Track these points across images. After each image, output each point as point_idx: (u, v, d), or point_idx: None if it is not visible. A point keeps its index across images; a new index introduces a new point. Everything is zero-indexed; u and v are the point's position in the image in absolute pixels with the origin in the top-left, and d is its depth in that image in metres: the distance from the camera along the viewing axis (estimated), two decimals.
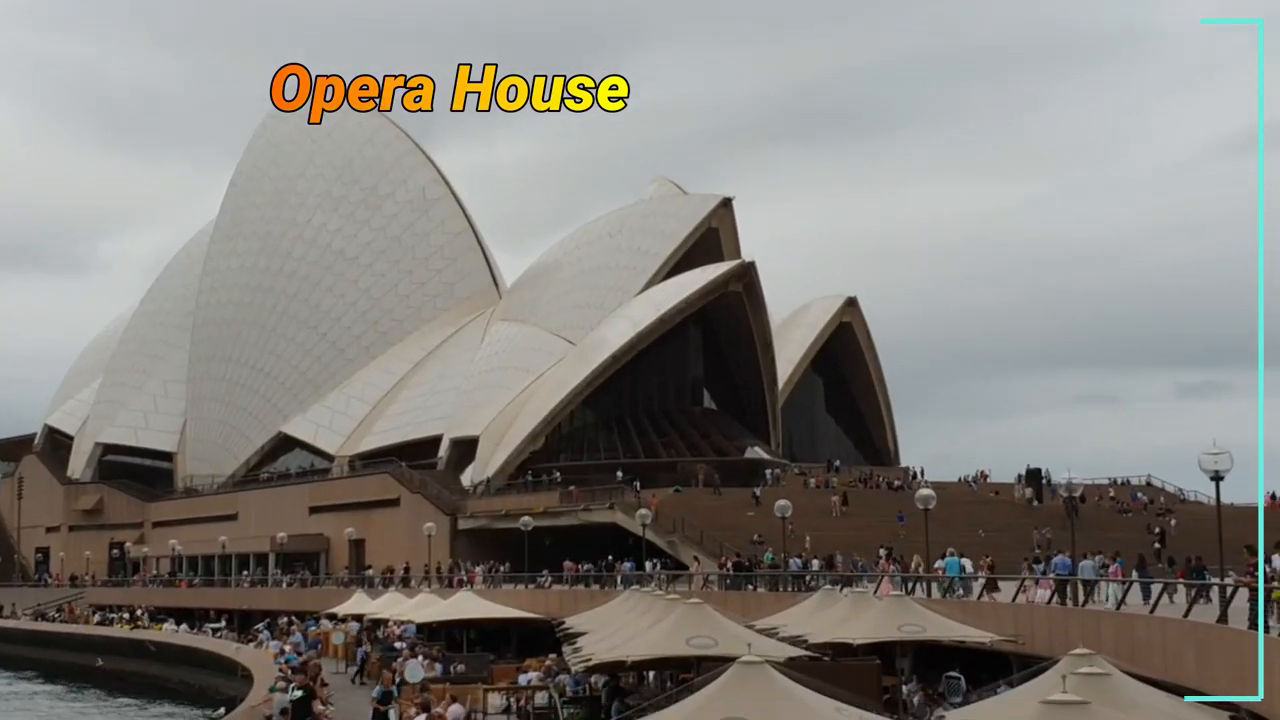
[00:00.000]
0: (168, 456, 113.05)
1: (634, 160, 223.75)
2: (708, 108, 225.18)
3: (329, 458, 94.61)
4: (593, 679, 29.74)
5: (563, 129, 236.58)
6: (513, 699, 32.34)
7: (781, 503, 47.67)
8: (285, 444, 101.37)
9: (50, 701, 60.88)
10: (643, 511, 55.33)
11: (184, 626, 67.03)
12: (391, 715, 26.00)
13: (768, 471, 77.02)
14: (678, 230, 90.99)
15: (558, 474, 74.65)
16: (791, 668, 21.68)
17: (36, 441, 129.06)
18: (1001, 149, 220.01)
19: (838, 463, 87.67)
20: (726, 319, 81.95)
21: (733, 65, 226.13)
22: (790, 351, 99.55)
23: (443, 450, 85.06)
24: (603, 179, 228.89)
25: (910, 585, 39.50)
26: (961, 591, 37.44)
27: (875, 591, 36.62)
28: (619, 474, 71.15)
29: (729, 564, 50.08)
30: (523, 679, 33.90)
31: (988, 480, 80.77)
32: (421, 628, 46.03)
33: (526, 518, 61.72)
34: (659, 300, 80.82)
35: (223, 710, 38.49)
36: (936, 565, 40.61)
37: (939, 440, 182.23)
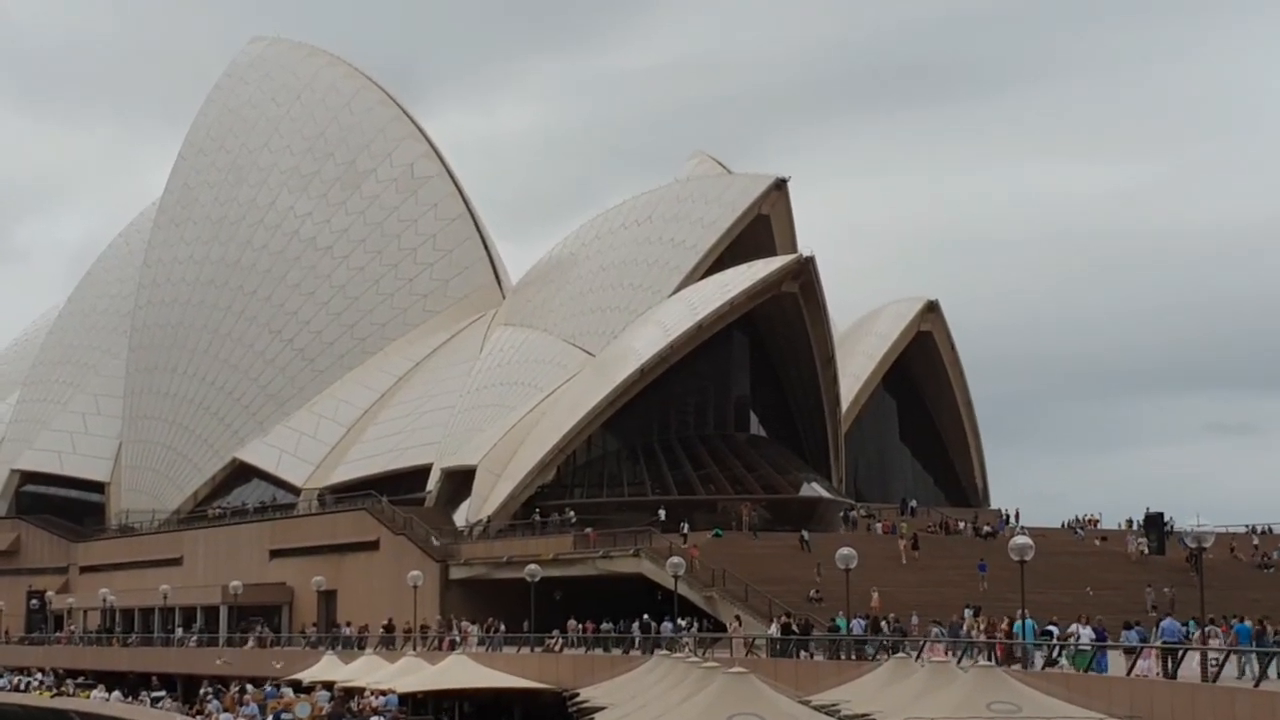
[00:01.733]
0: (99, 487, 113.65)
1: (667, 131, 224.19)
2: (756, 67, 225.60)
3: (294, 491, 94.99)
4: None
5: (579, 89, 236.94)
6: None
7: (845, 551, 47.57)
8: (241, 473, 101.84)
9: None
10: (675, 560, 55.35)
11: (115, 694, 67.38)
12: None
13: (846, 514, 77.25)
14: (721, 218, 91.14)
15: (571, 513, 74.74)
16: None
17: None
18: (1116, 119, 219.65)
19: (914, 503, 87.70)
20: (779, 326, 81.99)
21: (786, 17, 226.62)
22: (857, 366, 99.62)
23: (432, 483, 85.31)
24: (629, 154, 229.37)
25: (984, 653, 39.36)
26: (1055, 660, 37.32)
27: (917, 658, 36.59)
28: (661, 513, 71.18)
29: (789, 624, 49.98)
30: None
31: (1097, 526, 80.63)
32: (405, 698, 46.27)
33: (533, 566, 61.82)
34: (697, 303, 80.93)
35: None
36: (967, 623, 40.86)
37: (1038, 478, 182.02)
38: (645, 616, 55.62)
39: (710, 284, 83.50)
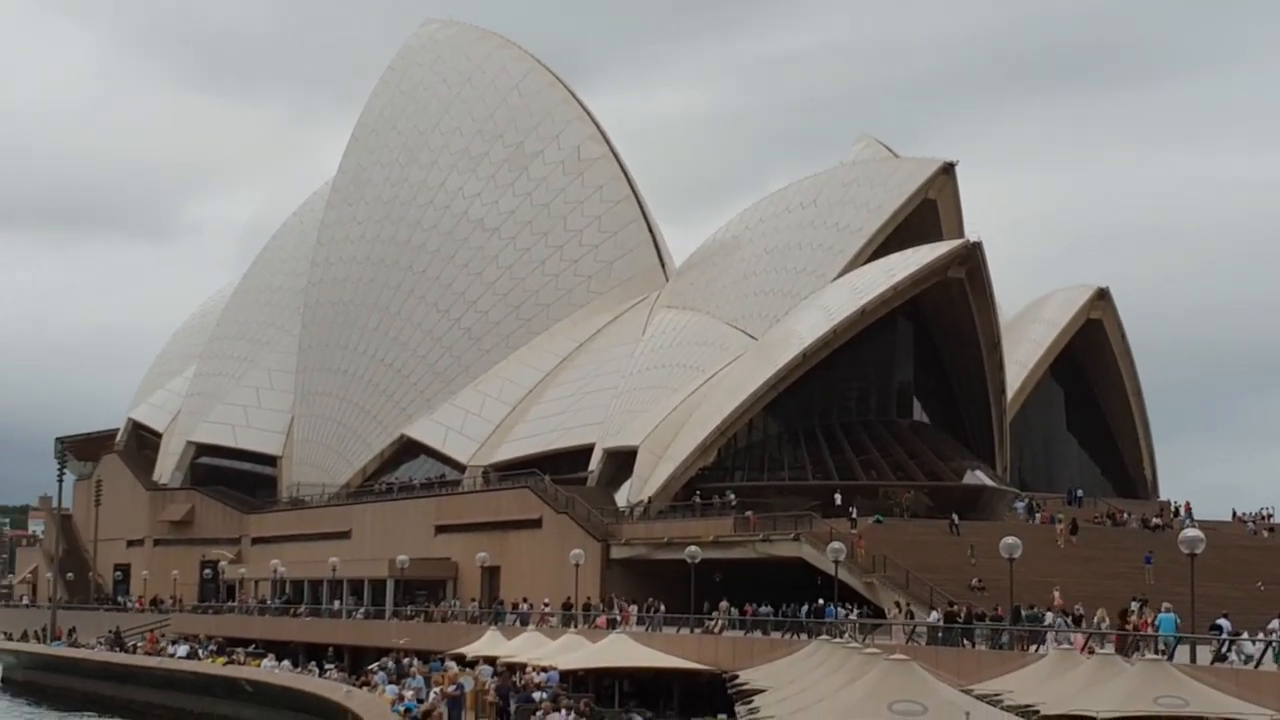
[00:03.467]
0: (271, 460, 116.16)
1: (831, 115, 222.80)
2: (923, 49, 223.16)
3: (460, 468, 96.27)
4: None
5: (742, 72, 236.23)
6: None
7: (1009, 540, 47.04)
8: (409, 450, 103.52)
9: None
10: (836, 545, 55.15)
11: (285, 663, 68.85)
12: None
13: (1019, 504, 76.46)
14: (886, 202, 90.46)
15: (732, 496, 74.83)
16: None
17: (119, 438, 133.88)
18: None
19: (1079, 492, 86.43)
20: (944, 312, 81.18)
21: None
22: (1023, 354, 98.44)
23: (594, 463, 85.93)
24: (791, 138, 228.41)
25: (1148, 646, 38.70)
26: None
27: (1051, 646, 36.00)
28: (837, 497, 70.89)
29: (953, 612, 49.59)
30: None
31: (1270, 520, 78.80)
32: (565, 675, 46.67)
33: (693, 547, 62.02)
34: (861, 287, 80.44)
35: None
36: (1133, 616, 40.29)
37: (1209, 469, 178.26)
38: (819, 601, 55.37)
39: (875, 269, 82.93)
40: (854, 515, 67.88)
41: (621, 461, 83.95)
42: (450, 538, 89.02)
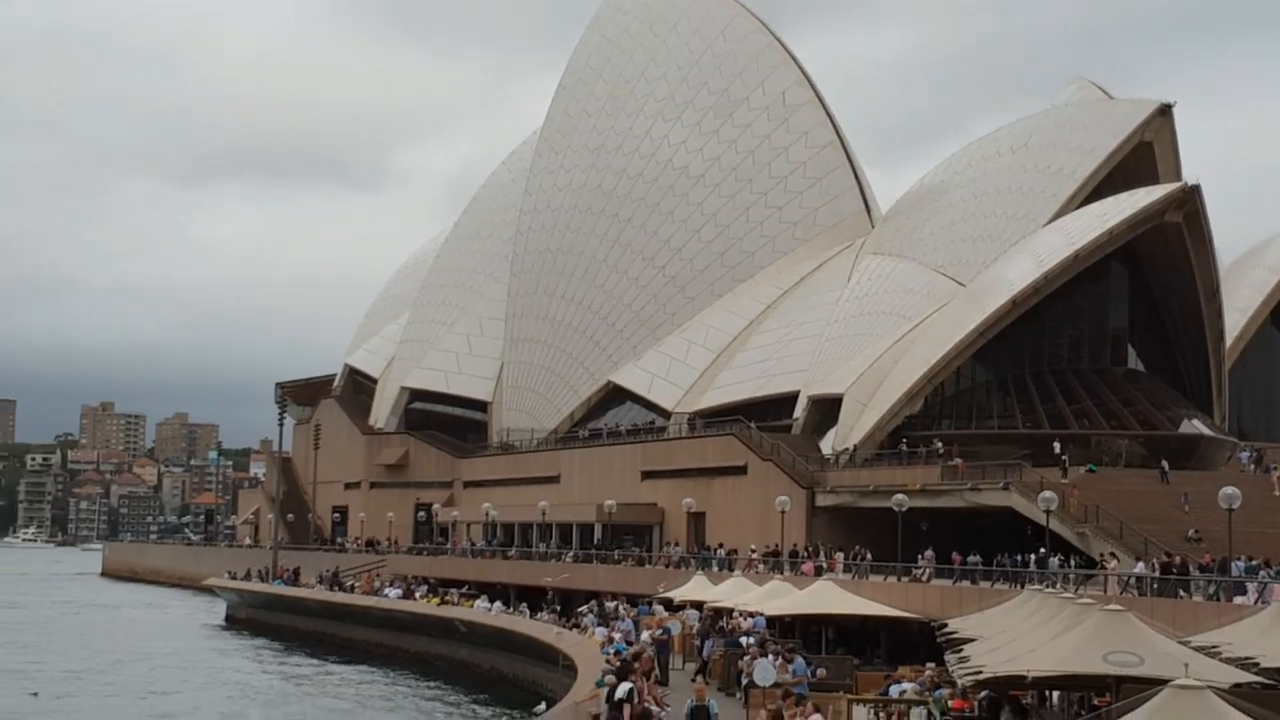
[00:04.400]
0: (482, 406, 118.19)
1: (1040, 57, 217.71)
2: None
3: (665, 414, 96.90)
4: (980, 696, 29.60)
5: (950, 14, 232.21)
6: (882, 713, 32.56)
7: (1228, 490, 45.92)
8: (615, 396, 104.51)
9: (355, 684, 65.13)
10: (1047, 494, 54.33)
11: (497, 604, 70.19)
12: None
13: (1244, 454, 74.47)
14: (1100, 145, 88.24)
15: (939, 444, 74.12)
16: (1240, 696, 21.04)
17: (336, 384, 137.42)
18: None
19: None
20: (1160, 258, 79.10)
21: None
22: (1243, 300, 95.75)
23: (799, 410, 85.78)
24: (1000, 81, 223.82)
25: None
26: None
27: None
28: (1056, 446, 69.69)
29: (1170, 563, 48.61)
30: (894, 689, 34.09)
31: None
32: (772, 621, 46.82)
33: (900, 496, 61.66)
34: (1074, 232, 78.71)
35: (544, 705, 40.23)
36: None
37: None
38: (1040, 550, 54.57)
39: (1088, 213, 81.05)
40: (1065, 464, 66.71)
41: (826, 409, 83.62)
42: (656, 483, 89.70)
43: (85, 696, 57.16)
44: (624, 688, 26.68)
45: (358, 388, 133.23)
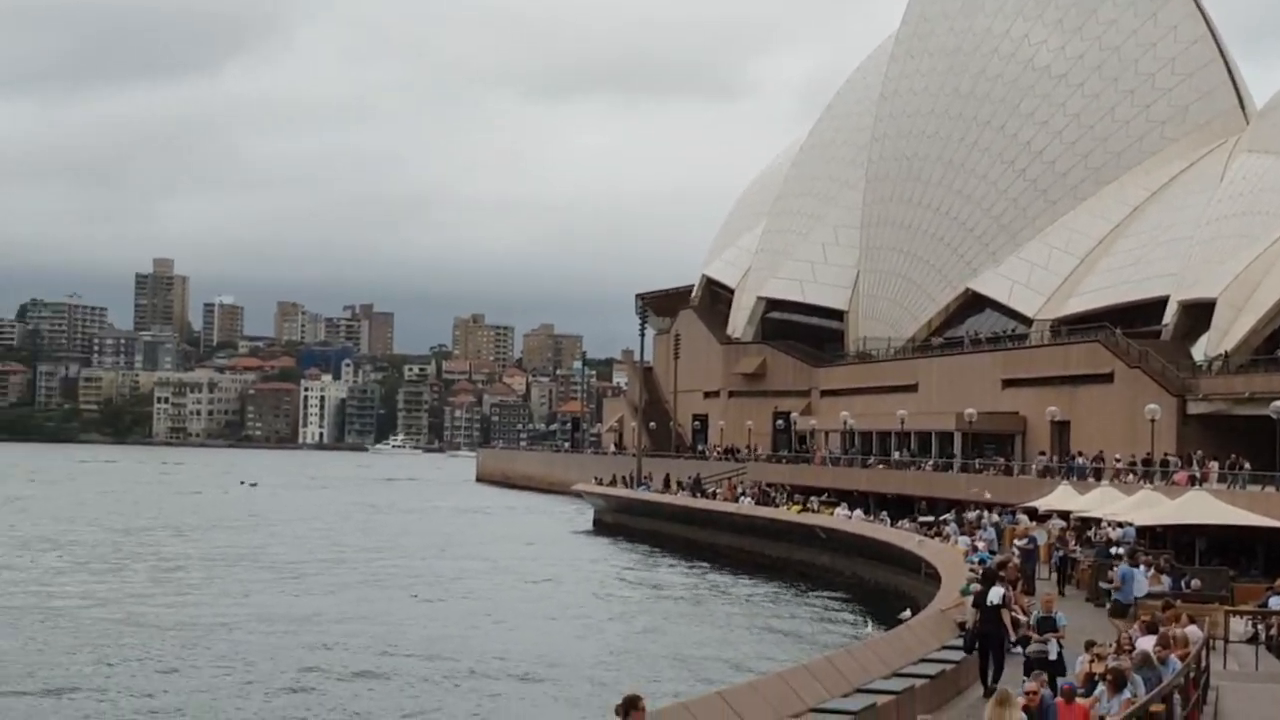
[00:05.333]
0: (837, 315, 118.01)
1: None
2: None
3: (1026, 321, 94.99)
4: None
5: None
6: (1260, 625, 31.57)
7: None
8: (973, 303, 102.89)
9: (722, 588, 66.37)
10: None
11: (857, 512, 70.25)
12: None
13: None
14: None
15: None
16: None
17: (694, 294, 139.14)
18: None
19: None
20: None
21: None
22: None
23: (1168, 316, 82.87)
24: None
25: None
26: None
27: None
28: None
29: None
30: (1274, 601, 32.96)
31: None
32: (1142, 532, 45.65)
33: (1278, 403, 59.04)
34: None
35: (908, 612, 40.22)
36: None
37: None
38: None
39: None
40: None
41: (1198, 314, 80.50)
42: (1017, 392, 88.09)
43: (457, 600, 59.39)
44: (996, 592, 26.36)
45: (715, 298, 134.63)
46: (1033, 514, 53.98)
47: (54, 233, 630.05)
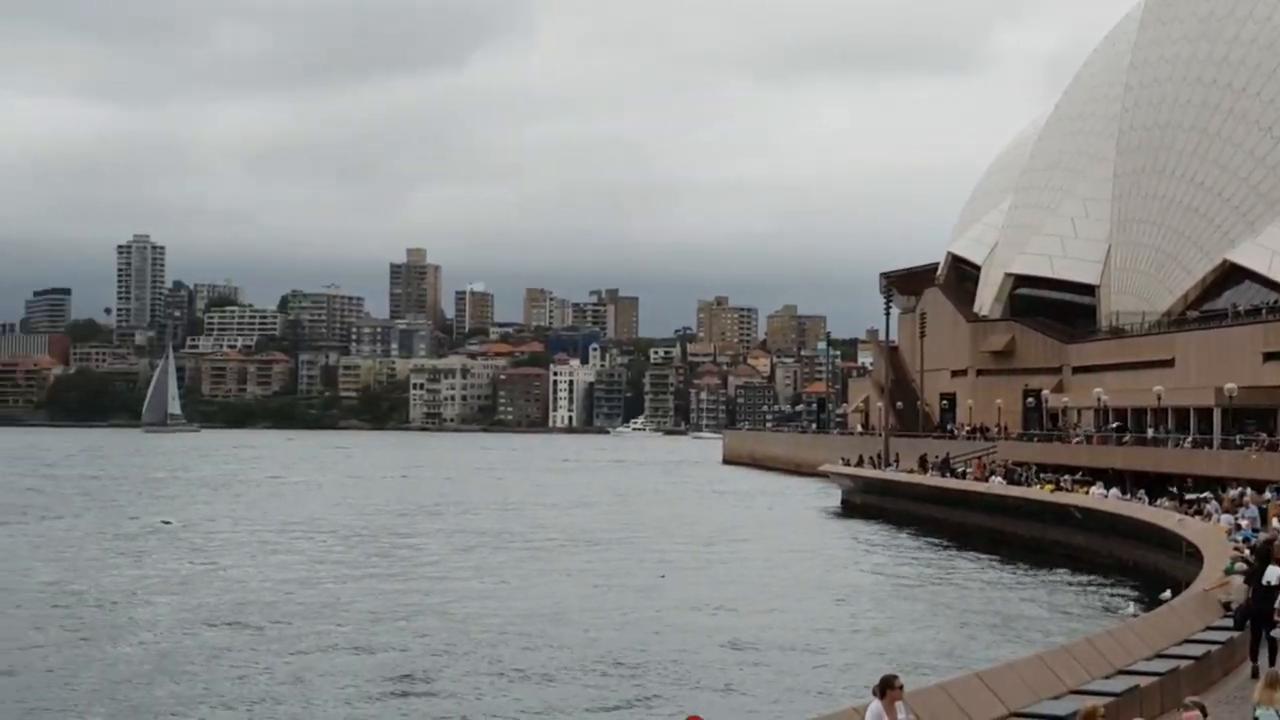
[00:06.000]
0: (1089, 290, 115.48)
1: None
2: None
3: None
4: None
5: None
6: None
7: None
8: (1231, 275, 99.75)
9: (978, 568, 65.84)
10: None
11: (1114, 491, 68.80)
12: None
13: None
14: None
15: None
16: None
17: (939, 272, 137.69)
18: None
19: None
20: None
21: None
22: None
23: None
24: None
25: None
26: None
27: None
28: None
29: None
30: None
31: None
32: None
33: None
34: None
35: (1169, 592, 39.42)
36: None
37: None
38: None
39: None
40: None
41: None
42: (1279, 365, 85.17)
43: (705, 586, 59.83)
44: (1274, 571, 25.67)
45: (961, 275, 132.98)
46: None
47: (311, 225, 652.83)
